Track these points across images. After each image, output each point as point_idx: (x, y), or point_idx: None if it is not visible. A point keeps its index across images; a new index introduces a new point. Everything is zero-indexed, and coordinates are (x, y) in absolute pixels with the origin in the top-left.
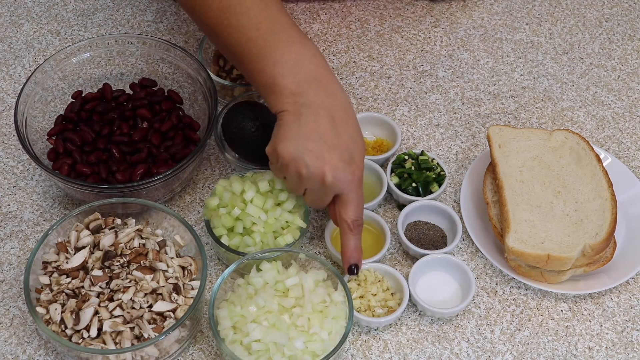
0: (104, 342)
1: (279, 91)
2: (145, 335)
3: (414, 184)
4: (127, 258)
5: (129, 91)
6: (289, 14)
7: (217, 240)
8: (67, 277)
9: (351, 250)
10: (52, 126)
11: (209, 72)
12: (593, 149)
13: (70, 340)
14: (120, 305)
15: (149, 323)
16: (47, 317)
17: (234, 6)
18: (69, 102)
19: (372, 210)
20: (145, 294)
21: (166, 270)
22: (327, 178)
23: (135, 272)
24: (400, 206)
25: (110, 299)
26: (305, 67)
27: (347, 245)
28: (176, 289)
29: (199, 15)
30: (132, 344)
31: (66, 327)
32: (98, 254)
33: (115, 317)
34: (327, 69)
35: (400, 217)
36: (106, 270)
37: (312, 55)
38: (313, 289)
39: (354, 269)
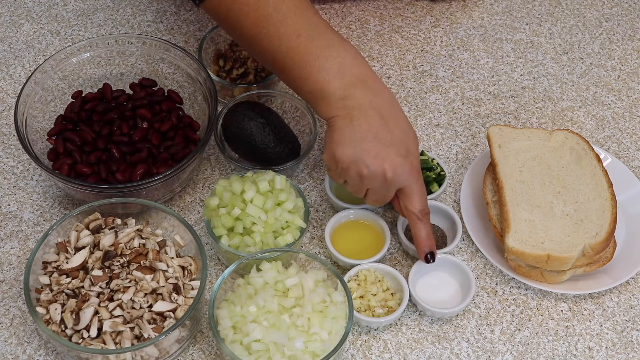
0: (104, 342)
1: (328, 97)
2: (145, 335)
3: None
4: (127, 258)
5: (129, 91)
6: (322, 17)
7: (217, 240)
8: (67, 277)
9: (424, 239)
10: (52, 126)
11: (209, 72)
12: (593, 149)
13: (70, 340)
14: (120, 305)
15: (149, 323)
16: (47, 317)
17: (272, 14)
18: (69, 102)
19: (372, 211)
20: (145, 294)
21: (166, 270)
22: (388, 175)
23: (135, 272)
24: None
25: (110, 299)
26: (350, 70)
27: (419, 235)
28: (176, 289)
29: (234, 26)
30: (132, 344)
31: (66, 327)
32: (98, 254)
33: (115, 317)
34: (370, 69)
35: (400, 217)
36: (106, 270)
37: (354, 57)
38: (313, 289)
39: (429, 257)
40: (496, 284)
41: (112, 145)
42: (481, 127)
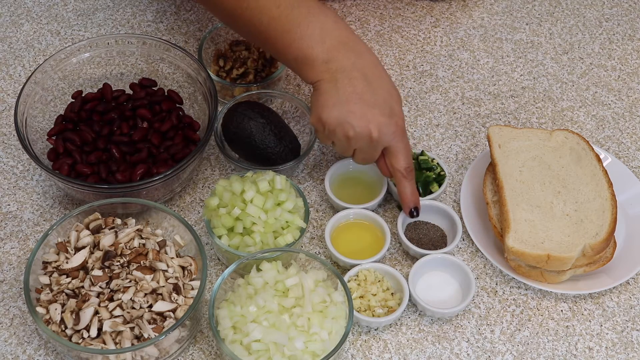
0: (104, 342)
1: (311, 62)
2: (145, 335)
3: None
4: (127, 258)
5: (129, 91)
6: None
7: (217, 240)
8: (67, 277)
9: (408, 195)
10: (52, 126)
11: (209, 72)
12: (593, 149)
13: (70, 340)
14: (120, 305)
15: (149, 323)
16: (47, 317)
17: None
18: (69, 102)
19: (372, 210)
20: (145, 294)
21: (166, 270)
22: (373, 135)
23: (135, 272)
24: (400, 206)
25: (110, 299)
26: (331, 34)
27: (404, 192)
28: (176, 289)
29: (215, 3)
30: (132, 344)
31: (66, 327)
32: (98, 254)
33: (115, 317)
34: (351, 32)
35: (400, 217)
36: (106, 270)
37: (334, 22)
38: (313, 289)
39: (414, 212)
40: (496, 284)
41: (112, 145)
42: (481, 127)
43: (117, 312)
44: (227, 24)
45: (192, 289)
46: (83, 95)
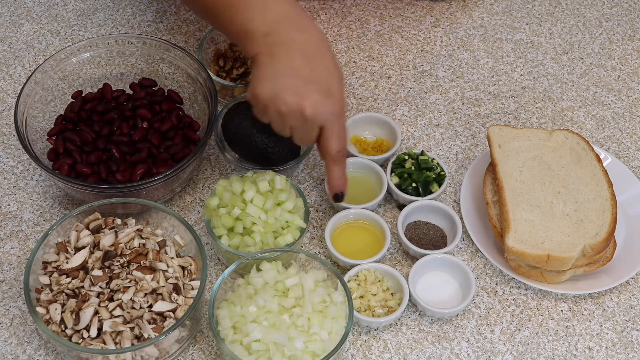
0: (104, 342)
1: (251, 35)
2: (145, 335)
3: (414, 184)
4: (127, 258)
5: (129, 91)
6: None
7: (217, 240)
8: (67, 277)
9: (336, 179)
10: (52, 126)
11: (209, 72)
12: (593, 149)
13: (70, 340)
14: (120, 305)
15: (149, 323)
16: (47, 317)
17: None
18: (69, 102)
19: (372, 210)
20: (145, 294)
21: (166, 270)
22: (306, 112)
23: (135, 272)
24: (400, 206)
25: (110, 299)
26: (274, 7)
27: (332, 176)
28: (176, 289)
29: None
30: (132, 344)
31: (66, 327)
32: (98, 254)
33: (115, 317)
34: (296, 6)
35: (400, 217)
36: (106, 270)
37: None
38: (313, 289)
39: (339, 196)
40: (496, 284)
41: (112, 145)
42: (481, 127)
43: (117, 312)
44: (186, 5)
45: (192, 289)
46: (83, 95)
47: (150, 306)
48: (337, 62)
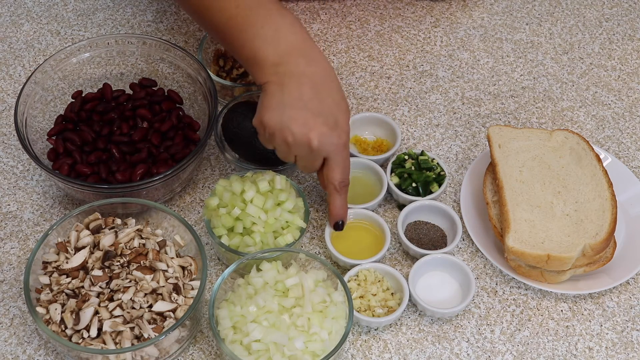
0: (104, 342)
1: (261, 63)
2: (145, 335)
3: (414, 184)
4: (127, 258)
5: (129, 91)
6: None
7: (217, 240)
8: (67, 277)
9: (337, 208)
10: (52, 126)
11: (209, 72)
12: (593, 149)
13: (70, 340)
14: (120, 305)
15: (149, 323)
16: (47, 317)
17: None
18: (69, 102)
19: (372, 210)
20: (145, 294)
21: (166, 270)
22: (313, 143)
23: (135, 272)
24: (400, 206)
25: (110, 299)
26: (285, 38)
27: (334, 205)
28: (176, 289)
29: (182, 1)
30: (132, 344)
31: (66, 327)
32: (98, 254)
33: (115, 317)
34: (307, 38)
35: (400, 217)
36: (106, 270)
37: (291, 25)
38: (313, 289)
39: (340, 225)
40: (496, 284)
41: (112, 145)
42: (481, 127)
43: (117, 312)
44: (195, 21)
45: (192, 289)
46: (83, 95)
47: (150, 306)
48: (344, 94)
